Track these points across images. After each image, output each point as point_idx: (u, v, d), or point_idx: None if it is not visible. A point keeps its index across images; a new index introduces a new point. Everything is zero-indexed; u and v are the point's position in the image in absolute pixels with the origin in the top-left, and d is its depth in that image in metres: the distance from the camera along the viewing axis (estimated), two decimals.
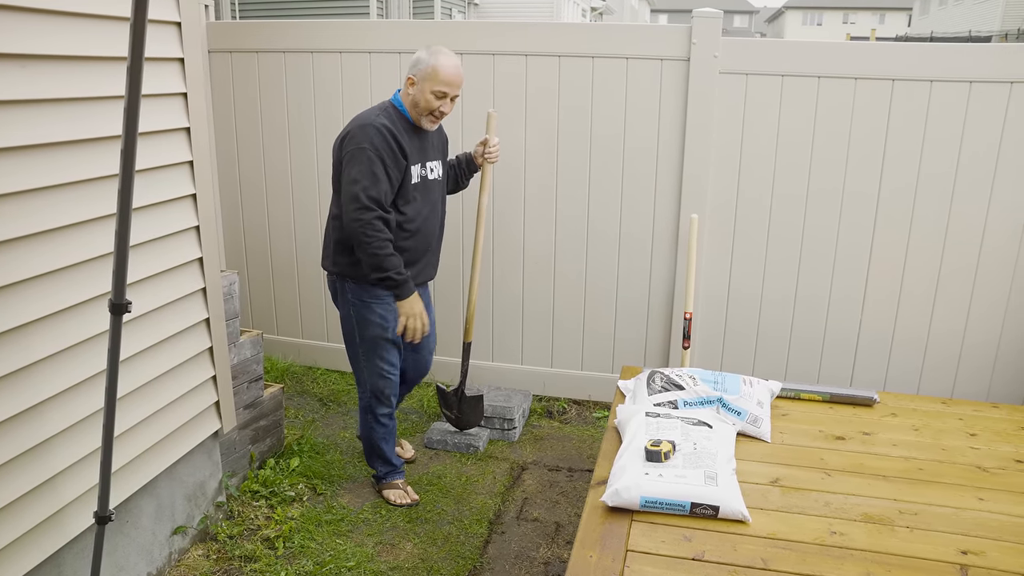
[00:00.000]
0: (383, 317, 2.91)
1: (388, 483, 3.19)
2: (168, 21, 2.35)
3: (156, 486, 2.56)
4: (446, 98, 2.79)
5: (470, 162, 3.28)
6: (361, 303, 2.91)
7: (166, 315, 2.48)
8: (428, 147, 2.95)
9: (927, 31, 25.27)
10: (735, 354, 3.83)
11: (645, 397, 2.84)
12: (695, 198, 3.64)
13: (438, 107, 2.79)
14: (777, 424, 2.81)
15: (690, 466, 2.33)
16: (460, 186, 3.33)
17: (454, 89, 2.79)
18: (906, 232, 3.51)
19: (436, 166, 3.01)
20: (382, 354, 2.98)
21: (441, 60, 2.76)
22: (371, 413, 3.08)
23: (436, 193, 3.02)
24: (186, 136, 2.48)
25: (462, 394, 3.53)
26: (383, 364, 3.00)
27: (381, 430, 3.12)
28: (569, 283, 3.92)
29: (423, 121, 2.83)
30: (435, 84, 2.76)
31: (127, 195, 1.70)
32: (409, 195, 2.84)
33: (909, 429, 2.80)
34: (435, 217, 3.02)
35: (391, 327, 2.93)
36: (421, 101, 2.78)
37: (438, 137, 3.07)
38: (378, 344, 2.96)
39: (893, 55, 3.35)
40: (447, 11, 13.87)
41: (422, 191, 2.91)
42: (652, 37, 3.56)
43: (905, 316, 3.61)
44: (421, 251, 2.98)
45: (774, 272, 3.69)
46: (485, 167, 3.28)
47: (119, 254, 1.75)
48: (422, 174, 2.90)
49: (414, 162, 2.84)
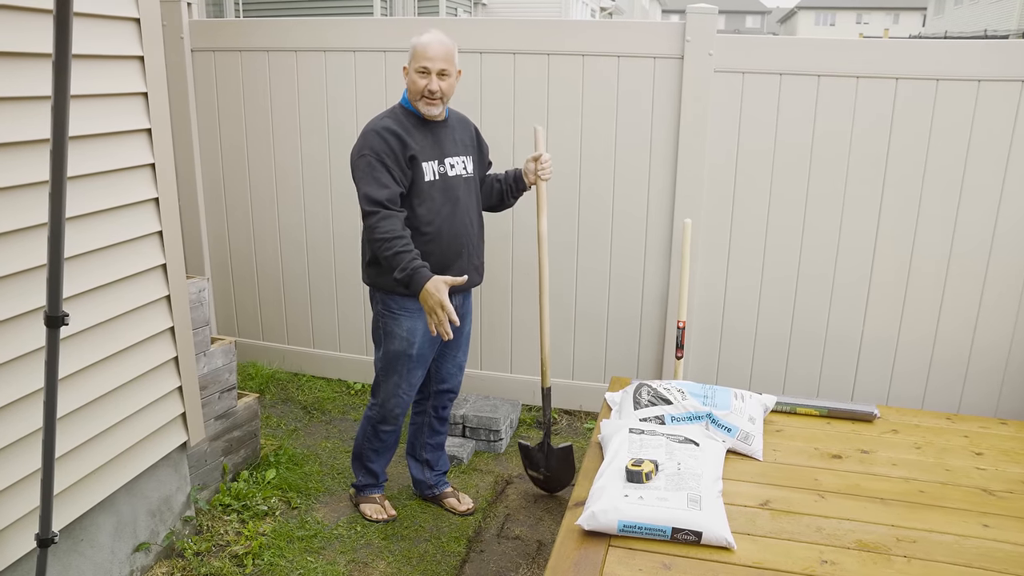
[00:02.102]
0: (410, 331, 2.73)
1: (366, 496, 3.05)
2: (125, 17, 2.23)
3: (115, 502, 2.45)
4: (429, 74, 2.59)
5: (519, 180, 2.95)
6: (389, 313, 2.74)
7: (125, 324, 2.37)
8: (446, 142, 2.73)
9: (941, 30, 24.91)
10: (731, 364, 3.69)
11: (631, 411, 2.71)
12: (689, 202, 3.50)
13: (424, 86, 2.60)
14: (770, 441, 2.67)
15: (673, 488, 2.20)
16: (506, 204, 3.02)
17: (435, 63, 2.58)
18: (911, 237, 3.35)
19: (460, 162, 2.76)
20: (402, 371, 2.79)
21: (423, 38, 2.61)
22: (373, 425, 2.93)
23: (461, 191, 2.75)
24: (147, 137, 2.37)
25: (548, 447, 3.13)
26: (401, 383, 2.81)
27: (377, 444, 2.96)
28: (559, 291, 3.79)
29: (421, 106, 2.64)
30: (416, 62, 2.61)
31: (58, 201, 1.58)
32: (424, 194, 2.65)
33: (910, 447, 2.65)
34: (463, 217, 2.75)
35: (417, 343, 2.75)
36: (411, 85, 2.64)
37: (463, 131, 2.83)
38: (399, 360, 2.77)
39: (897, 52, 3.20)
40: (452, 10, 13.76)
41: (441, 189, 2.69)
42: (644, 34, 3.42)
43: (910, 325, 3.45)
44: (451, 256, 2.72)
45: (772, 279, 3.54)
46: (540, 186, 2.92)
47: (52, 264, 1.64)
48: (440, 171, 2.69)
49: (426, 158, 2.65)
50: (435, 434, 3.09)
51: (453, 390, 3.05)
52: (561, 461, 3.14)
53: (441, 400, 3.05)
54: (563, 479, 3.18)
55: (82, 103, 2.14)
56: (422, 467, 3.12)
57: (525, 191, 3.00)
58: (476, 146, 2.90)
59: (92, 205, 2.21)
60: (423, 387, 3.02)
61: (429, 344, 2.79)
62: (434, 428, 3.08)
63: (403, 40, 3.58)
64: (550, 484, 3.23)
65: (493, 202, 3.00)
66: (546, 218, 2.95)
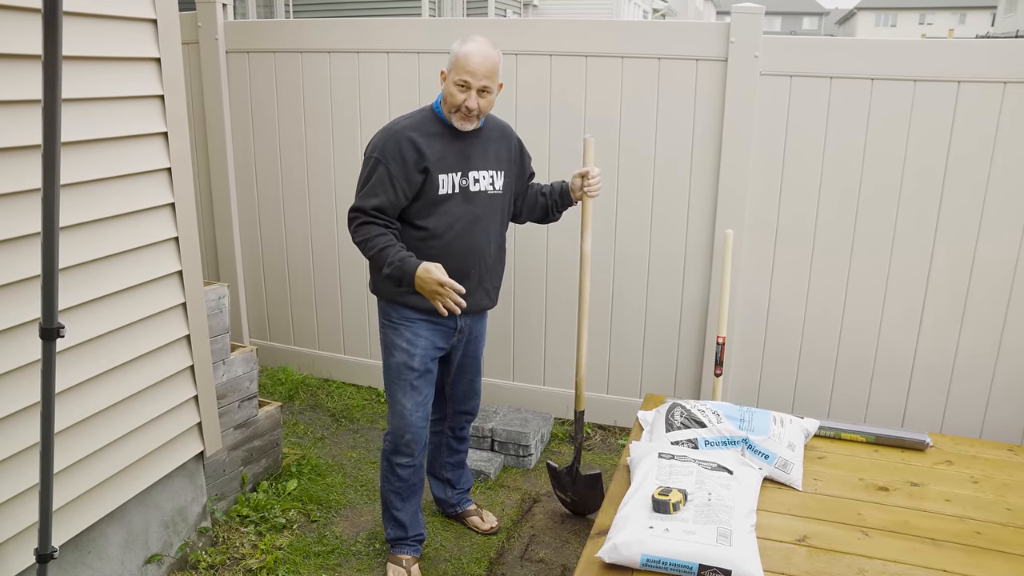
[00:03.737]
0: (410, 342, 2.56)
1: (394, 554, 2.72)
2: (141, 18, 2.19)
3: (127, 512, 2.40)
4: (469, 90, 2.38)
5: (565, 194, 2.75)
6: (389, 323, 2.59)
7: (139, 332, 2.32)
8: (475, 154, 2.53)
9: (1012, 29, 23.77)
10: (774, 383, 3.49)
11: (662, 434, 2.56)
12: (732, 212, 3.32)
13: (463, 101, 2.39)
14: (811, 469, 2.49)
15: (702, 520, 2.05)
16: (551, 218, 2.84)
17: (477, 80, 2.37)
18: (971, 251, 3.12)
19: (488, 176, 2.56)
20: (405, 388, 2.59)
21: (466, 47, 2.39)
22: (388, 459, 2.67)
23: (482, 207, 2.55)
24: (163, 141, 2.32)
25: (576, 472, 2.99)
26: (405, 401, 2.59)
27: (398, 483, 2.66)
28: (595, 301, 3.65)
29: (454, 119, 2.44)
30: (456, 74, 2.39)
31: (51, 209, 1.52)
32: (436, 207, 2.47)
33: (967, 481, 2.44)
34: (480, 235, 2.55)
35: (419, 355, 2.57)
36: (447, 96, 2.43)
37: (501, 143, 2.62)
38: (402, 374, 2.58)
39: (958, 54, 2.97)
40: (501, 11, 13.68)
41: (461, 203, 2.50)
42: (686, 35, 3.26)
43: (968, 346, 3.21)
44: (458, 275, 2.47)
45: (819, 293, 3.34)
46: (586, 202, 2.74)
47: (46, 274, 1.58)
48: (462, 184, 2.49)
49: (444, 170, 2.46)
50: (454, 453, 2.97)
51: (470, 412, 2.92)
52: (589, 488, 3.00)
53: (458, 421, 2.92)
54: (591, 504, 3.03)
55: (95, 106, 2.10)
56: (443, 486, 3.01)
57: (571, 206, 2.81)
58: (516, 161, 2.69)
59: (106, 210, 2.17)
60: (440, 407, 2.89)
61: (433, 357, 2.63)
62: (452, 447, 2.95)
63: (438, 42, 3.49)
64: (577, 508, 3.09)
65: (537, 215, 2.82)
66: (591, 237, 2.80)
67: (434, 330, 2.59)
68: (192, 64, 4.00)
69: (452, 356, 2.74)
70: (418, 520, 2.75)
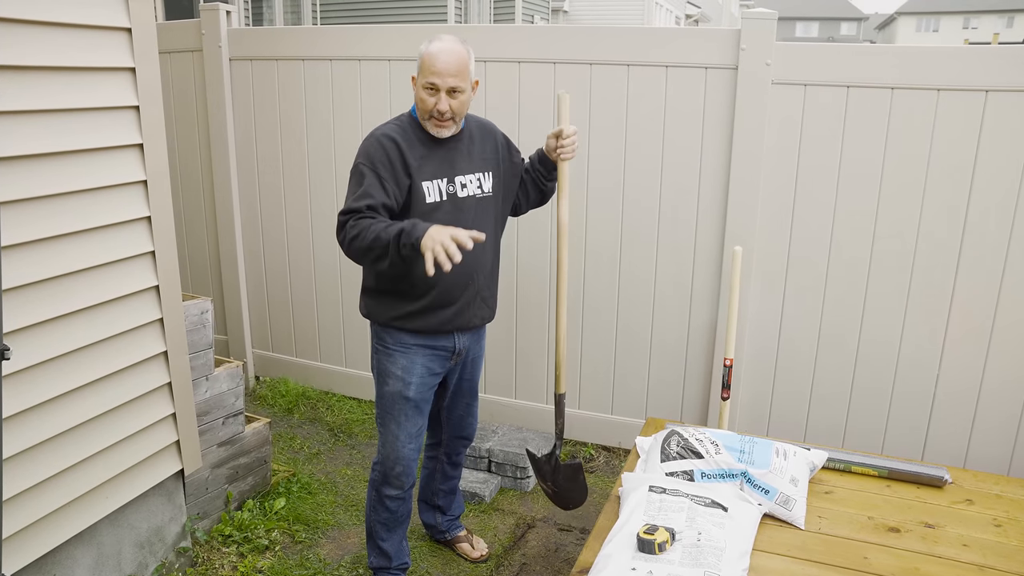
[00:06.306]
0: (406, 370, 2.42)
1: None
2: (114, 27, 2.12)
3: (97, 533, 2.34)
4: (438, 92, 2.23)
5: (544, 161, 2.54)
6: (384, 349, 2.45)
7: (112, 348, 2.26)
8: (459, 158, 2.38)
9: None
10: (784, 408, 3.32)
11: (657, 464, 2.42)
12: (742, 228, 3.17)
13: (433, 105, 2.24)
14: (816, 505, 2.32)
15: (689, 563, 1.91)
16: (546, 192, 2.63)
17: (445, 80, 2.22)
18: (1000, 268, 2.92)
19: (475, 180, 2.40)
20: (399, 418, 2.45)
21: (431, 47, 2.25)
22: (376, 489, 2.55)
23: (472, 213, 2.38)
24: (138, 153, 2.25)
25: (556, 461, 2.75)
26: (398, 432, 2.46)
27: (385, 515, 2.55)
28: (600, 319, 3.51)
29: (429, 127, 2.31)
30: (423, 76, 2.25)
31: None
32: (424, 216, 2.28)
33: (988, 524, 2.25)
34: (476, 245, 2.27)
35: (414, 384, 2.44)
36: (418, 102, 2.29)
37: (484, 143, 2.45)
38: (395, 404, 2.45)
39: (986, 61, 2.79)
40: (528, 16, 13.57)
41: (450, 211, 2.34)
42: (695, 42, 3.12)
43: (995, 369, 3.00)
44: (457, 287, 2.37)
45: (834, 314, 3.16)
46: (561, 165, 2.49)
47: None
48: (449, 191, 2.35)
49: (426, 177, 2.31)
50: (448, 479, 2.84)
51: (468, 437, 2.79)
52: (569, 480, 2.76)
53: (455, 447, 2.79)
54: (573, 498, 2.81)
55: (65, 117, 2.04)
56: (434, 512, 2.89)
57: (555, 170, 2.55)
58: (505, 158, 2.51)
59: (77, 224, 2.11)
60: (435, 432, 2.77)
61: (430, 386, 2.50)
62: (447, 473, 2.83)
63: None
64: (559, 500, 2.87)
65: (533, 196, 2.64)
66: (567, 203, 2.53)
67: (431, 356, 2.46)
68: (196, 72, 3.96)
69: (448, 380, 2.62)
70: (403, 549, 2.64)
